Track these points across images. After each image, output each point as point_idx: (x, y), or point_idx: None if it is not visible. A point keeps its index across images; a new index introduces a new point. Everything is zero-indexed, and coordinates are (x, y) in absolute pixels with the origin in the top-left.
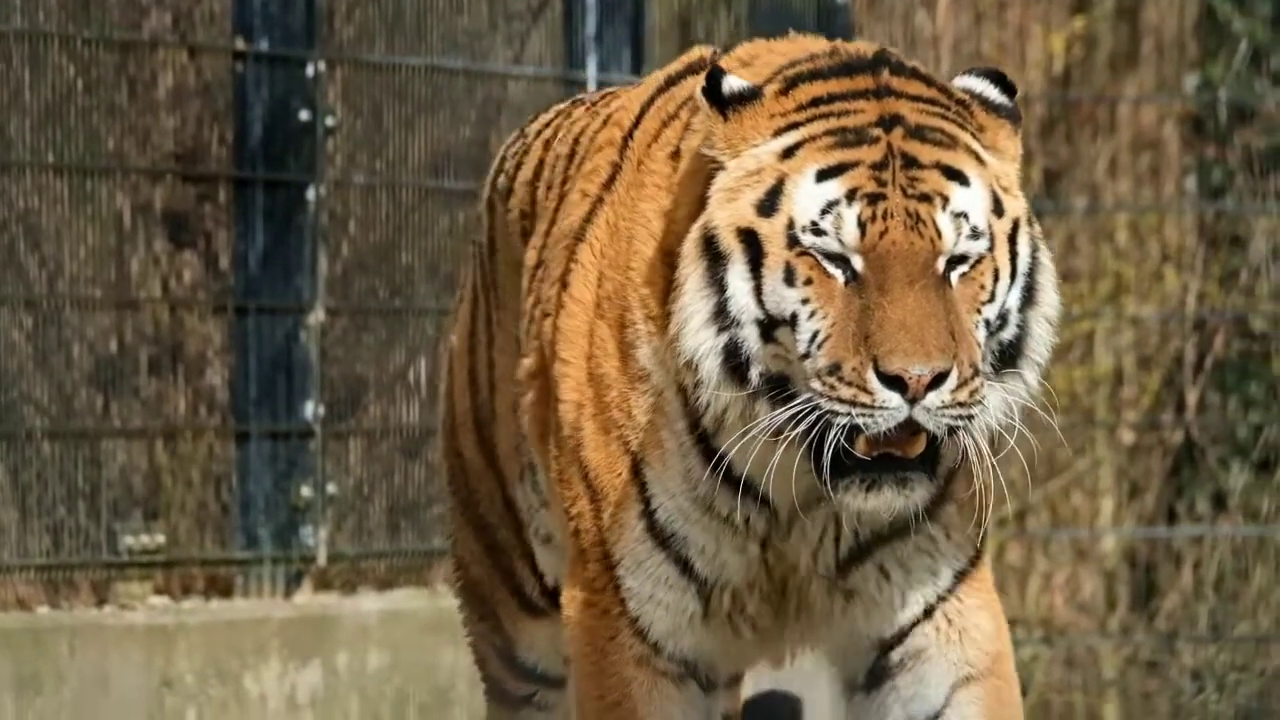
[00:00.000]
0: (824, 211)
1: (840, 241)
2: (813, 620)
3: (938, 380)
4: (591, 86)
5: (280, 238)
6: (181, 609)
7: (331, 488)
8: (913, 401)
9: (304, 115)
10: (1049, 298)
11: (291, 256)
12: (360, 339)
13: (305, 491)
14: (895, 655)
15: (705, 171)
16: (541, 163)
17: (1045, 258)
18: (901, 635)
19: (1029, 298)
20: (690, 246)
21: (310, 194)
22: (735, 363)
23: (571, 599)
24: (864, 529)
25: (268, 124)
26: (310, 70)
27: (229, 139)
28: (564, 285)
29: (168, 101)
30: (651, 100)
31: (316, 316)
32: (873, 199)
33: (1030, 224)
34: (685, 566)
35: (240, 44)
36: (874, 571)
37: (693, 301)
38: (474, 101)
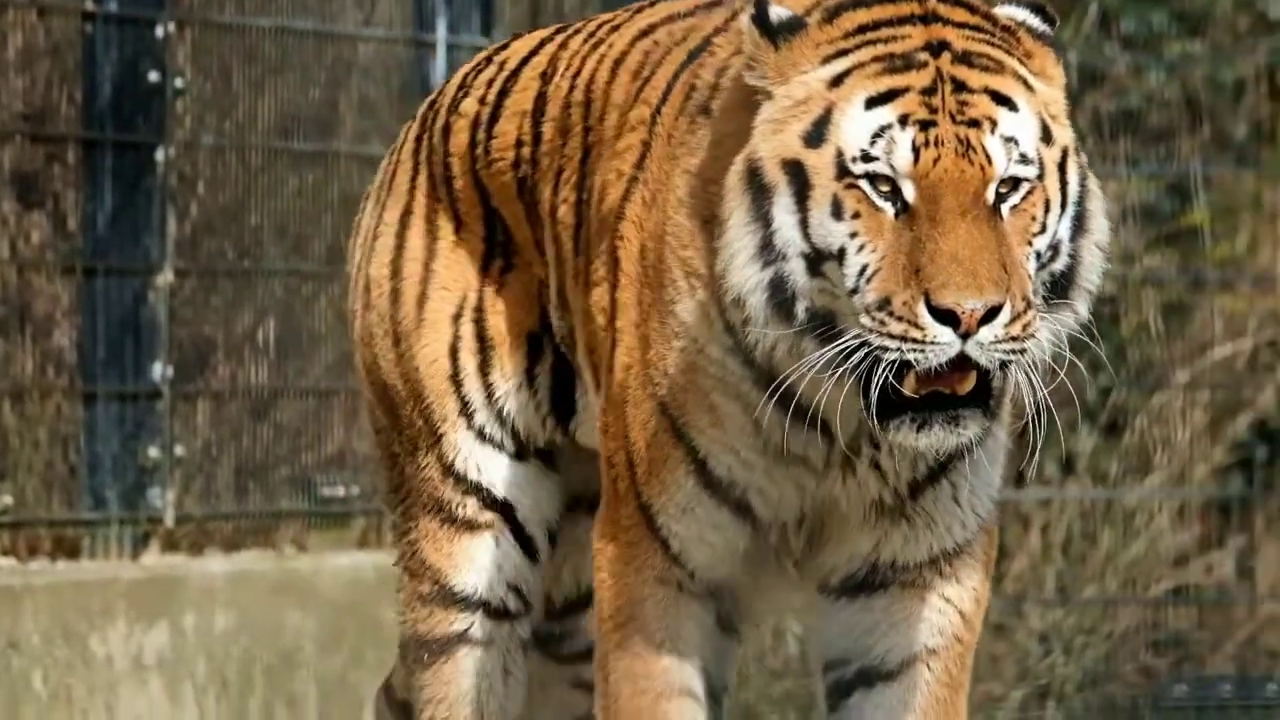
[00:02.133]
0: (875, 137)
1: (892, 167)
2: (842, 552)
3: (990, 314)
4: (441, 49)
5: (129, 199)
6: (28, 570)
7: (179, 449)
8: (965, 336)
9: (153, 76)
10: (1100, 224)
11: (140, 218)
12: (208, 300)
13: (153, 453)
14: (878, 576)
15: (749, 103)
16: (543, 96)
17: (1094, 185)
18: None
19: (1080, 226)
20: (734, 179)
21: (159, 155)
22: (781, 298)
23: (602, 532)
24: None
25: (117, 85)
26: (160, 31)
27: (78, 100)
28: (615, 261)
29: (16, 62)
30: (677, 75)
31: (165, 278)
32: (925, 125)
33: (1078, 153)
34: (740, 509)
35: (89, 4)
36: (946, 491)
37: (738, 236)
38: (323, 63)
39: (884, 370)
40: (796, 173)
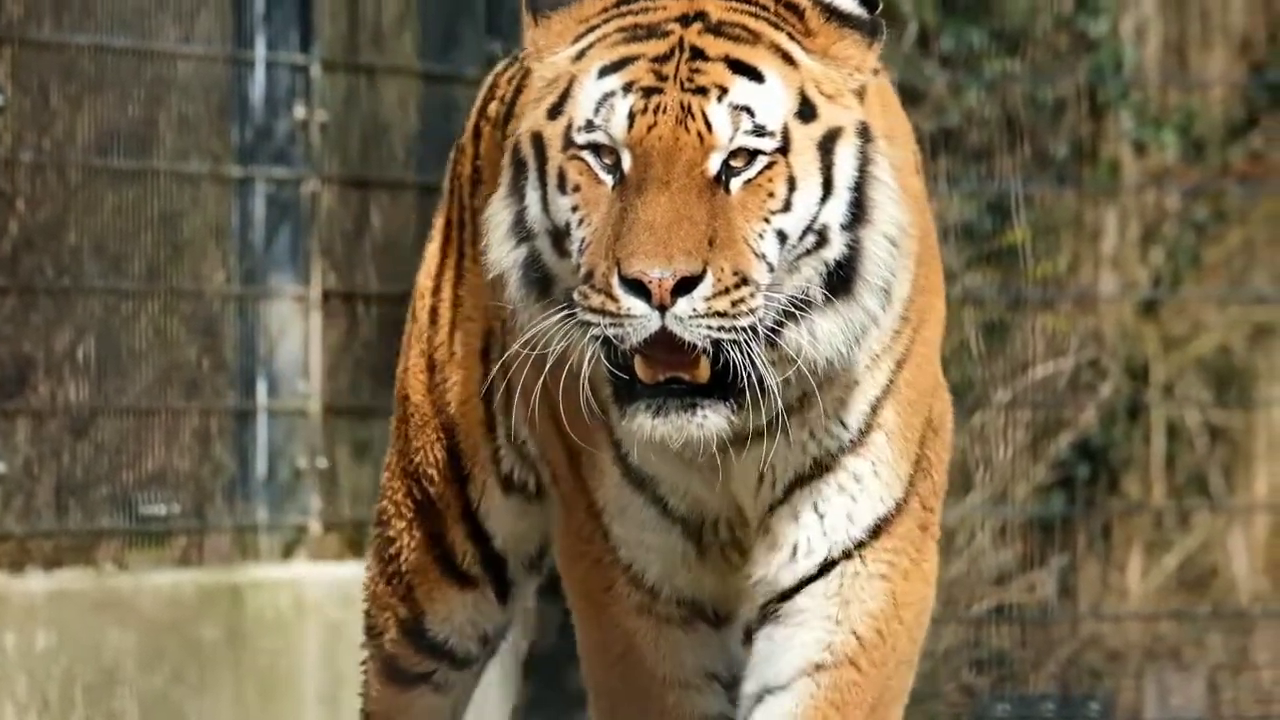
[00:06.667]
0: (599, 106)
1: (610, 135)
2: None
3: (685, 285)
4: (260, 66)
5: None
6: None
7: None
8: (662, 309)
9: None
10: (887, 215)
11: None
12: (28, 318)
13: None
14: (781, 606)
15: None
16: None
17: (882, 173)
18: (797, 588)
19: (860, 215)
20: (506, 156)
21: None
22: (535, 276)
23: (564, 550)
24: (788, 470)
25: None
26: None
27: None
28: None
29: None
30: None
31: None
32: (648, 92)
33: (863, 137)
34: (665, 508)
35: None
36: (789, 513)
37: (496, 212)
38: (142, 80)
39: (590, 347)
40: (539, 147)
